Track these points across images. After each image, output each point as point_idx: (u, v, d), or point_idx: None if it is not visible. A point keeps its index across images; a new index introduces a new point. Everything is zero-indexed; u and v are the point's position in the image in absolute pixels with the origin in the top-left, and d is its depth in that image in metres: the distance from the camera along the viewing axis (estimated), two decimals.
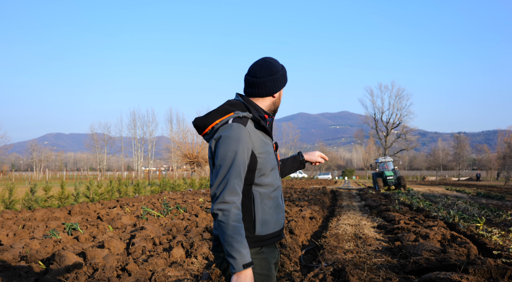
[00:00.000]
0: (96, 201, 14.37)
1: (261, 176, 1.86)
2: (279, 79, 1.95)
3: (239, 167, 1.76)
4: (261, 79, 1.92)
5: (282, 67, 2.00)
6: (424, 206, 13.04)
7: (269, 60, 1.97)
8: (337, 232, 8.30)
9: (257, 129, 1.88)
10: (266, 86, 1.93)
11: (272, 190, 1.90)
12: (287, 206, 12.57)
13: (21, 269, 4.57)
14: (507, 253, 5.73)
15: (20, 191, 14.77)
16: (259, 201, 1.85)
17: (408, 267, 5.08)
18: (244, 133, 1.79)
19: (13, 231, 7.31)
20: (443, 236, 7.07)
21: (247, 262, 1.69)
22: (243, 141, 1.78)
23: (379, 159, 27.73)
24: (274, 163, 1.93)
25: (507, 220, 9.99)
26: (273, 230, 1.89)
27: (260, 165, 1.84)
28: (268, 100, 1.98)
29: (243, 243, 1.70)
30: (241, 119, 1.84)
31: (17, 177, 57.26)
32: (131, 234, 6.97)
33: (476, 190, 26.57)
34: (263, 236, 1.85)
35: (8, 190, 11.89)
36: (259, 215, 1.85)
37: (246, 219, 1.84)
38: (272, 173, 1.91)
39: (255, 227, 1.83)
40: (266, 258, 1.87)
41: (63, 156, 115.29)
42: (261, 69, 1.93)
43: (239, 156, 1.76)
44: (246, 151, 1.79)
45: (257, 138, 1.85)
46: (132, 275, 4.67)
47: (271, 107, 2.00)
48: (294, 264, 5.42)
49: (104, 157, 62.51)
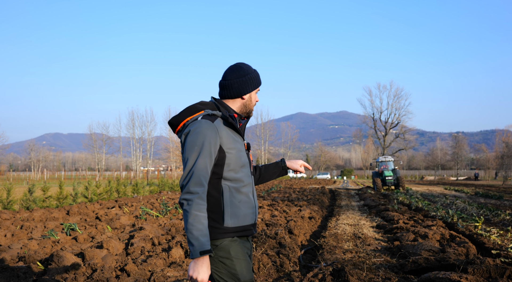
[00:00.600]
0: (95, 201, 14.34)
1: (230, 171, 1.96)
2: (248, 82, 2.05)
3: (205, 160, 1.87)
4: (230, 81, 2.04)
5: (252, 71, 2.10)
6: (423, 206, 13.06)
7: (240, 64, 2.10)
8: (336, 232, 8.31)
9: (226, 127, 1.97)
10: (234, 88, 2.04)
11: (242, 185, 1.99)
12: (286, 206, 12.57)
13: (19, 270, 4.55)
14: (505, 253, 5.74)
15: (18, 191, 14.74)
16: (228, 194, 1.94)
17: (407, 266, 5.09)
18: (211, 128, 1.90)
19: (11, 232, 7.29)
20: (442, 235, 7.08)
21: (204, 249, 1.79)
22: (210, 136, 1.89)
23: (380, 158, 26.98)
24: (245, 160, 2.03)
25: (506, 220, 10.00)
26: (242, 224, 1.97)
27: (228, 160, 1.95)
28: (238, 101, 2.09)
29: (202, 232, 1.80)
30: (210, 116, 1.96)
31: (15, 177, 57.13)
32: (130, 235, 6.96)
33: (474, 189, 26.63)
34: (232, 228, 1.94)
35: (6, 190, 11.86)
36: (227, 208, 1.94)
37: (216, 210, 1.94)
38: (243, 170, 2.01)
39: (224, 218, 1.93)
40: (240, 246, 1.96)
41: (61, 156, 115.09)
42: (230, 72, 2.07)
43: (205, 149, 1.87)
44: (213, 145, 1.89)
45: (226, 134, 1.95)
46: (131, 276, 4.66)
47: (242, 109, 2.10)
48: (294, 264, 5.42)
49: (102, 157, 62.45)
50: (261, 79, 2.15)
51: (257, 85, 2.10)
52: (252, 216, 2.03)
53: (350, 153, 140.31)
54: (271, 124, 68.06)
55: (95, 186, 15.86)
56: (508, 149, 48.86)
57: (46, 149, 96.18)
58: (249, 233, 2.03)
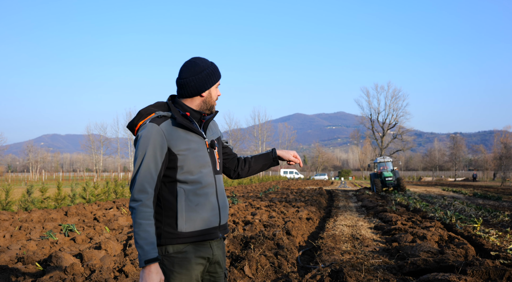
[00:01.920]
0: (93, 202, 14.31)
1: (185, 173, 1.88)
2: (204, 78, 1.94)
3: (148, 165, 1.81)
4: (185, 80, 1.94)
5: (210, 65, 1.98)
6: (421, 207, 13.08)
7: (195, 59, 1.98)
8: (334, 233, 8.31)
9: (178, 127, 1.89)
10: (191, 86, 1.94)
11: (199, 187, 1.90)
12: (284, 207, 12.56)
13: (18, 271, 4.54)
14: (505, 254, 5.75)
15: (16, 192, 14.68)
16: (183, 197, 1.87)
17: (406, 268, 5.08)
18: (156, 132, 1.83)
19: (10, 233, 7.27)
20: (440, 237, 7.08)
21: (149, 258, 1.74)
22: (153, 139, 1.82)
23: (378, 159, 26.11)
24: (204, 160, 1.94)
25: (504, 221, 10.03)
26: (199, 228, 1.88)
27: (181, 162, 1.87)
28: (197, 99, 1.98)
29: (147, 240, 1.75)
30: (159, 118, 1.88)
31: (13, 178, 56.95)
32: (128, 236, 6.94)
33: (472, 190, 26.67)
34: (187, 232, 1.86)
35: (4, 191, 11.82)
36: (182, 212, 1.86)
37: (169, 215, 1.86)
38: (202, 170, 1.91)
39: (177, 223, 1.85)
40: (188, 257, 1.86)
41: (59, 157, 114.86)
42: (185, 69, 1.96)
43: (148, 155, 1.81)
44: (158, 149, 1.83)
45: (176, 136, 1.87)
46: (130, 277, 4.64)
47: (202, 106, 1.99)
48: (292, 265, 5.41)
49: (100, 158, 62.27)
50: (220, 72, 2.03)
51: (215, 80, 1.99)
52: (214, 218, 1.93)
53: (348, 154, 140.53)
54: (268, 125, 68.01)
55: (93, 187, 15.82)
56: (507, 150, 48.98)
57: (44, 150, 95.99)
58: (210, 237, 1.92)
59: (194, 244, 1.90)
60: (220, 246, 2.02)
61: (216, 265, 1.99)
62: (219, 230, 1.98)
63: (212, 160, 1.99)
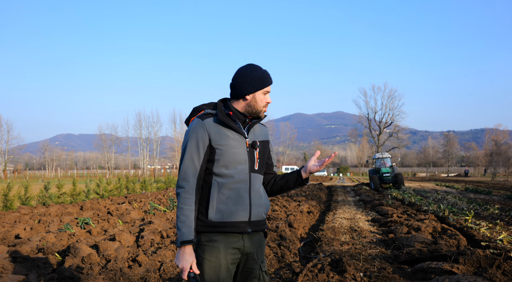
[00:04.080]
0: (106, 197, 14.40)
1: (221, 166, 1.91)
2: (249, 82, 1.94)
3: (192, 156, 1.89)
4: (233, 82, 1.99)
5: (257, 71, 1.97)
6: (416, 201, 13.08)
7: (248, 65, 2.00)
8: (334, 225, 8.34)
9: (219, 124, 1.93)
10: (236, 89, 1.97)
11: (231, 181, 1.91)
12: (286, 201, 12.60)
13: (39, 260, 4.60)
14: (494, 244, 5.77)
15: (34, 189, 14.79)
16: (216, 189, 1.90)
17: (401, 257, 5.12)
18: (199, 126, 1.91)
19: (30, 226, 7.34)
20: (434, 228, 7.10)
21: (184, 239, 1.81)
22: (196, 133, 1.90)
23: (376, 155, 24.77)
24: (240, 158, 1.93)
25: (494, 214, 10.03)
26: (228, 220, 1.89)
27: (218, 156, 1.90)
28: (242, 102, 1.99)
29: (185, 223, 1.83)
30: (205, 115, 1.95)
31: (31, 175, 57.25)
32: (140, 228, 7.00)
33: (464, 185, 26.60)
34: (215, 222, 1.89)
35: (23, 187, 11.92)
36: (213, 203, 1.90)
37: (202, 204, 1.93)
38: (237, 167, 1.92)
39: (208, 213, 1.89)
40: (217, 246, 1.88)
41: (73, 156, 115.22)
42: (237, 72, 2.00)
43: (192, 146, 1.90)
44: (200, 142, 1.90)
45: (216, 131, 1.91)
46: (142, 266, 4.70)
47: (246, 109, 1.99)
48: (294, 255, 5.45)
49: (112, 156, 62.50)
50: (270, 80, 1.99)
51: (261, 86, 1.95)
52: (243, 213, 1.91)
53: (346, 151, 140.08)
54: (270, 124, 68.00)
55: (106, 183, 15.91)
56: (497, 147, 48.80)
57: (59, 149, 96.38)
58: (237, 230, 1.90)
59: (224, 235, 1.91)
60: (254, 240, 1.99)
61: (248, 257, 1.98)
62: (249, 225, 1.94)
63: (250, 158, 1.98)
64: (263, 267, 2.02)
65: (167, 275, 4.40)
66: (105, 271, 4.37)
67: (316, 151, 2.16)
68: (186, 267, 1.80)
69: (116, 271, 4.37)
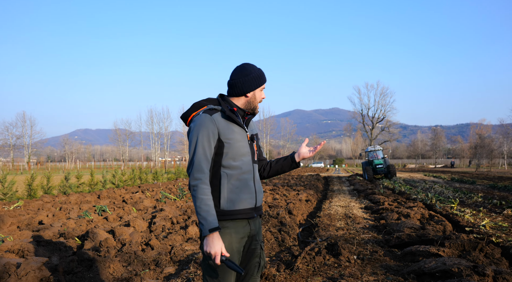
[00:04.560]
0: (121, 187, 14.46)
1: (229, 159, 1.90)
2: (250, 81, 1.97)
3: (204, 148, 1.85)
4: (234, 81, 1.97)
5: (256, 70, 2.00)
6: (405, 190, 13.07)
7: (244, 64, 2.01)
8: (330, 212, 8.35)
9: (225, 119, 1.92)
10: (238, 87, 1.97)
11: (239, 172, 1.93)
12: (286, 190, 12.61)
13: (61, 244, 4.64)
14: (477, 230, 5.77)
15: (56, 179, 14.88)
16: (225, 181, 1.90)
17: (392, 241, 5.13)
18: (209, 120, 1.87)
19: (52, 213, 7.40)
20: (422, 215, 7.10)
21: (212, 227, 1.79)
22: (206, 127, 1.86)
23: (369, 148, 24.27)
24: (244, 150, 1.96)
25: (478, 201, 10.00)
26: (239, 207, 1.91)
27: (227, 149, 1.90)
28: (242, 99, 2.00)
29: (209, 212, 1.80)
30: (210, 110, 1.92)
31: (52, 167, 57.51)
32: (152, 215, 7.03)
33: (450, 176, 26.53)
34: (228, 211, 1.89)
35: (46, 178, 11.99)
36: (224, 193, 1.89)
37: (214, 195, 1.90)
38: (242, 159, 1.94)
39: (220, 202, 1.89)
40: (229, 232, 1.90)
41: (91, 149, 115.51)
42: (235, 72, 1.99)
43: (203, 140, 1.85)
44: (211, 135, 1.86)
45: (224, 126, 1.90)
46: (155, 249, 4.74)
47: (246, 105, 2.01)
48: (293, 240, 5.47)
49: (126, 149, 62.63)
50: (265, 78, 2.03)
51: (260, 84, 2.00)
52: (250, 201, 1.96)
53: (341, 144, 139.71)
54: (272, 119, 67.88)
55: (121, 174, 15.98)
56: (481, 140, 48.51)
57: (77, 143, 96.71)
58: (247, 216, 1.95)
59: (234, 221, 1.93)
60: (256, 223, 2.05)
61: (253, 239, 2.03)
62: (255, 210, 2.00)
63: (251, 150, 2.03)
64: (262, 247, 2.09)
65: (177, 258, 4.44)
66: (120, 254, 4.40)
67: (305, 139, 2.24)
68: (219, 252, 1.79)
69: (130, 254, 4.41)
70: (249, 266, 2.02)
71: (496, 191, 13.70)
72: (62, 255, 4.35)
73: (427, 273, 3.65)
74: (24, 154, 52.50)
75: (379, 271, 3.95)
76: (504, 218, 7.21)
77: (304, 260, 4.23)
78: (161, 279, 3.86)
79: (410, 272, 3.78)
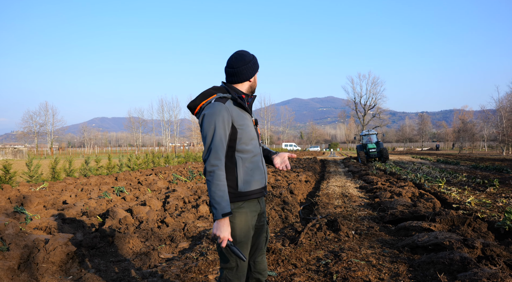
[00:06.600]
0: (136, 170, 14.48)
1: (242, 144, 1.87)
2: (252, 67, 1.95)
3: (220, 136, 1.79)
4: (237, 69, 1.92)
5: (253, 56, 1.99)
6: (396, 171, 13.03)
7: (241, 52, 1.96)
8: (328, 192, 8.33)
9: (236, 106, 1.88)
10: (242, 74, 1.93)
11: (252, 155, 1.91)
12: (287, 172, 12.59)
13: (83, 222, 4.64)
14: (464, 206, 5.74)
15: (76, 163, 14.91)
16: (241, 164, 1.87)
17: (386, 218, 5.10)
18: (223, 108, 1.81)
19: (74, 193, 7.40)
20: (412, 193, 7.07)
21: (225, 211, 1.75)
22: (222, 115, 1.80)
23: (363, 132, 22.86)
24: (253, 134, 1.94)
25: (463, 181, 9.96)
26: (253, 188, 1.90)
27: (240, 134, 1.86)
28: (246, 84, 1.98)
29: (223, 197, 1.76)
30: (222, 98, 1.86)
31: (73, 152, 57.73)
32: (165, 195, 7.03)
33: (436, 157, 26.46)
34: (245, 192, 1.87)
35: (68, 162, 12.00)
36: (241, 176, 1.86)
37: (231, 178, 1.86)
38: (252, 142, 1.91)
39: (238, 185, 1.86)
40: (245, 211, 1.89)
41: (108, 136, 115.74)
42: (236, 61, 1.93)
43: (219, 127, 1.79)
44: (226, 123, 1.81)
45: (236, 113, 1.86)
46: (170, 226, 4.73)
47: (249, 89, 1.99)
48: (295, 217, 5.46)
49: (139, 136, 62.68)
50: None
51: (258, 68, 2.00)
52: (262, 181, 1.96)
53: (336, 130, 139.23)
54: (272, 107, 67.53)
55: (135, 158, 15.99)
56: (464, 125, 48.23)
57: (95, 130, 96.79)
58: (260, 195, 1.96)
59: (248, 201, 1.91)
60: (263, 201, 2.07)
61: (262, 216, 2.04)
62: (264, 190, 2.01)
63: (257, 134, 2.01)
64: (268, 222, 2.12)
65: (190, 234, 4.43)
66: (139, 230, 4.40)
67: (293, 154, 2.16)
68: (227, 236, 1.77)
69: (148, 230, 4.40)
70: (258, 241, 2.03)
71: (479, 171, 13.66)
72: (85, 232, 4.35)
73: (420, 246, 3.62)
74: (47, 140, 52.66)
75: (376, 245, 3.93)
76: (487, 195, 7.17)
77: (307, 236, 4.21)
78: (176, 253, 3.85)
79: (404, 245, 3.76)
